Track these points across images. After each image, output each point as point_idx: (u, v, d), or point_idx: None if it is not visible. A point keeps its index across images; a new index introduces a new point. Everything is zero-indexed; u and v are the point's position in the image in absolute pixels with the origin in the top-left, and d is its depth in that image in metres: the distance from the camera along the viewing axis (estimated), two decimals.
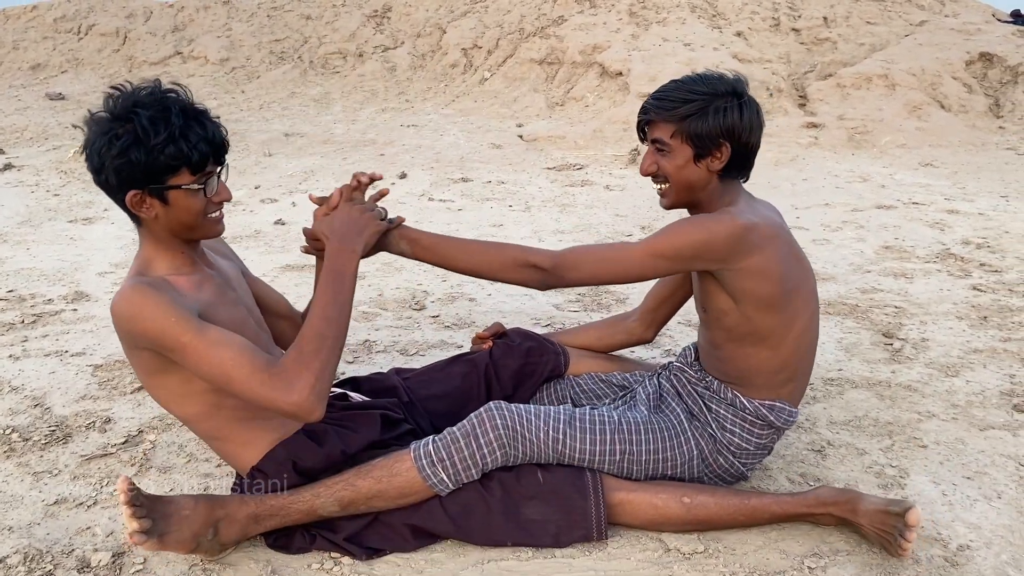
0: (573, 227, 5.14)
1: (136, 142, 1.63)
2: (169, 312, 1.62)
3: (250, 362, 1.61)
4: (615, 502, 1.87)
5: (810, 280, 1.94)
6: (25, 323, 3.37)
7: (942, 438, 2.39)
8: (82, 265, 4.30)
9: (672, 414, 2.04)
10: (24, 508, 2.02)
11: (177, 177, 1.69)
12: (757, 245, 1.80)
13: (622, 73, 9.34)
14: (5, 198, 6.04)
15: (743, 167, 1.93)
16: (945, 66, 8.96)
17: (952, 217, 5.26)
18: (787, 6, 10.96)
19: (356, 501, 1.82)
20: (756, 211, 1.89)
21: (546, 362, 2.30)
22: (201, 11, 14.05)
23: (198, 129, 1.69)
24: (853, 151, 7.67)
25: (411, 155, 7.64)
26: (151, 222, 1.75)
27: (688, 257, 1.82)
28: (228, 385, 1.62)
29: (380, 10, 13.20)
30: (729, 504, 1.89)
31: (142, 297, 1.64)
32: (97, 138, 1.66)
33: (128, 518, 1.60)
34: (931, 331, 3.25)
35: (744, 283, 1.83)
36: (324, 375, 1.64)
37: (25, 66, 12.90)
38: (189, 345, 1.61)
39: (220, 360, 1.61)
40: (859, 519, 1.85)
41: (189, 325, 1.62)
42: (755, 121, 1.88)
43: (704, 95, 1.85)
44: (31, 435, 2.39)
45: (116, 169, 1.65)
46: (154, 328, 1.62)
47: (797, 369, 1.97)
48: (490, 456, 1.83)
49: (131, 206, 1.70)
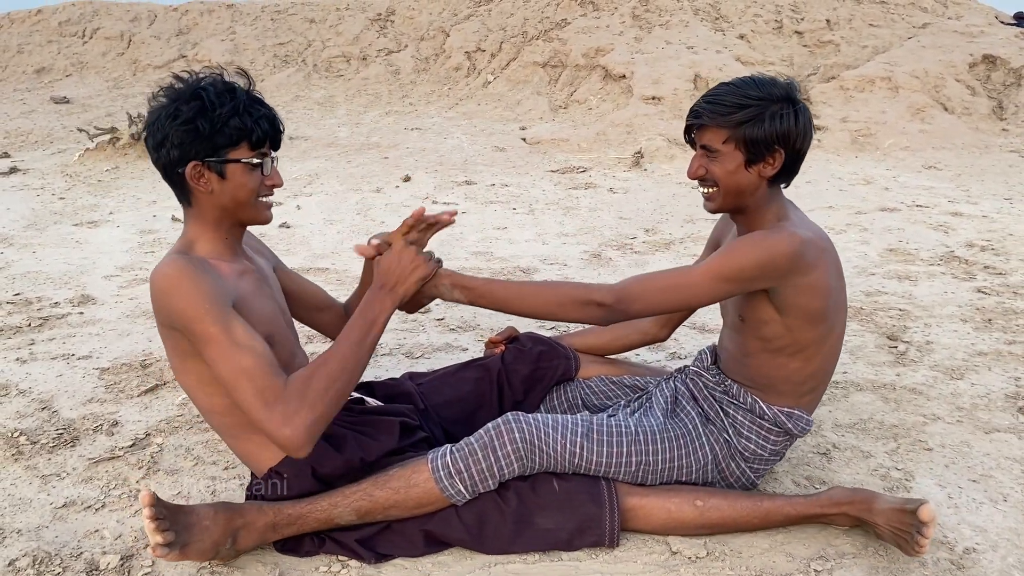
0: (577, 230, 5.15)
1: (202, 112, 1.69)
2: (205, 297, 1.63)
3: (262, 379, 1.61)
4: (628, 507, 1.88)
5: (846, 291, 1.95)
6: (32, 326, 3.39)
7: (947, 441, 2.39)
8: (88, 268, 4.31)
9: (687, 418, 2.04)
10: (32, 511, 2.03)
11: (237, 151, 1.74)
12: (813, 261, 1.79)
13: (625, 76, 9.35)
14: (11, 202, 6.06)
15: (791, 173, 1.89)
16: (948, 68, 8.96)
17: (956, 220, 5.26)
18: (790, 9, 10.98)
19: (374, 511, 1.82)
20: (805, 223, 1.87)
21: (556, 366, 2.30)
22: (205, 15, 14.09)
23: (261, 109, 1.77)
24: (856, 154, 7.68)
25: (415, 158, 7.66)
26: (204, 199, 1.77)
27: (751, 277, 1.79)
28: (234, 391, 1.62)
29: (383, 14, 13.23)
30: (742, 507, 1.89)
31: (180, 274, 1.65)
32: (161, 110, 1.71)
33: (152, 532, 1.60)
34: (936, 334, 3.26)
35: (798, 298, 1.81)
36: (324, 419, 1.65)
37: (30, 70, 12.94)
38: (215, 337, 1.62)
39: (237, 364, 1.61)
40: (875, 518, 1.84)
41: (220, 316, 1.63)
42: (808, 128, 1.85)
43: (759, 100, 1.80)
44: (39, 438, 2.40)
45: (179, 139, 1.69)
46: (187, 309, 1.63)
47: (822, 380, 1.98)
48: (507, 468, 1.83)
49: (190, 178, 1.72)
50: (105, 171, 7.15)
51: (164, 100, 1.74)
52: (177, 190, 1.79)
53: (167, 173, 1.76)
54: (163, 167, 1.75)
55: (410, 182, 6.69)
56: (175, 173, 1.74)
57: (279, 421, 1.59)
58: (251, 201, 1.79)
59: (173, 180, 1.77)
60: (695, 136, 1.90)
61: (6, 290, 3.91)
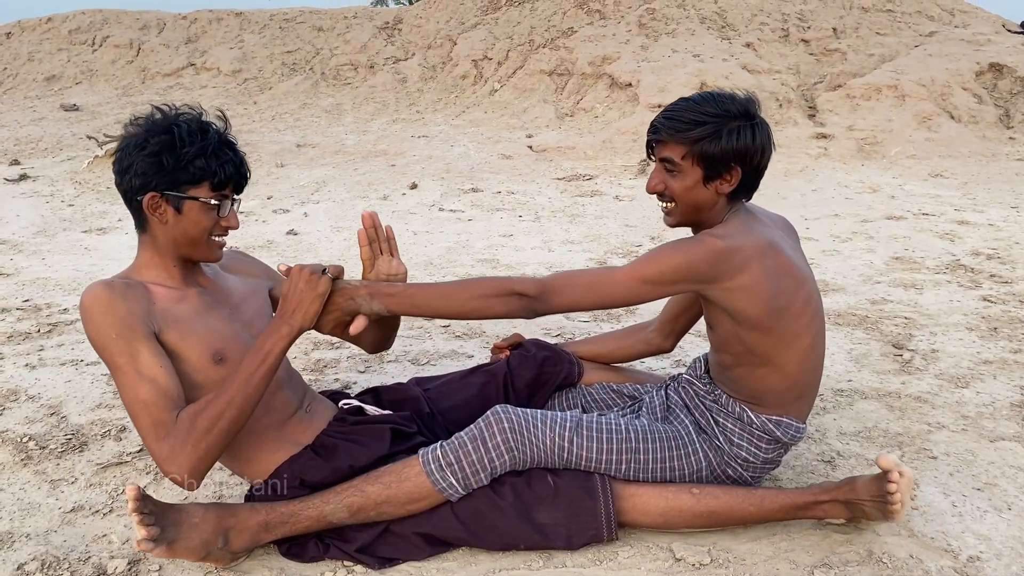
0: (583, 237, 5.16)
1: (170, 147, 1.75)
2: (113, 325, 1.69)
3: (157, 412, 1.67)
4: (624, 495, 1.91)
5: (810, 298, 1.92)
6: (41, 332, 3.41)
7: (952, 449, 2.39)
8: (96, 275, 4.34)
9: (680, 426, 2.05)
10: (41, 515, 2.05)
11: (198, 189, 1.79)
12: (739, 265, 1.80)
13: (631, 84, 9.37)
14: (20, 208, 6.11)
15: (750, 188, 1.92)
16: (955, 76, 8.96)
17: (962, 228, 5.26)
18: (796, 17, 10.99)
19: (366, 507, 1.83)
20: (749, 230, 1.87)
21: (560, 371, 2.33)
22: (214, 23, 14.17)
23: (229, 153, 1.83)
24: (863, 162, 7.68)
25: (421, 166, 7.69)
26: (158, 229, 1.82)
27: (672, 280, 1.83)
28: (133, 419, 1.70)
29: (391, 22, 13.29)
30: (738, 493, 1.92)
31: (94, 302, 1.72)
32: (132, 139, 1.78)
33: (136, 525, 1.64)
34: (941, 342, 3.26)
35: (734, 303, 1.83)
36: (208, 456, 1.69)
37: (40, 77, 13.02)
38: (120, 367, 1.69)
39: (136, 395, 1.68)
40: (859, 496, 1.86)
41: (126, 347, 1.69)
42: (766, 143, 1.87)
43: (716, 117, 1.82)
44: (47, 443, 2.42)
45: (143, 169, 1.76)
46: (97, 337, 1.71)
47: (805, 388, 1.98)
48: (498, 460, 1.84)
49: (146, 207, 1.79)
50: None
51: (136, 129, 1.80)
52: (134, 215, 1.85)
53: (127, 198, 1.83)
54: (123, 192, 1.82)
55: (417, 189, 6.71)
56: (134, 200, 1.80)
57: (166, 460, 1.66)
58: (203, 239, 1.84)
59: (131, 206, 1.83)
60: (655, 153, 1.93)
61: (16, 296, 3.94)
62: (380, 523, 1.87)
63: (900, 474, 1.78)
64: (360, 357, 3.11)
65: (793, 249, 1.99)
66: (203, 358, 1.81)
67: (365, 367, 3.02)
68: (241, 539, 1.80)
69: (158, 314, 1.78)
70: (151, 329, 1.75)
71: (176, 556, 1.73)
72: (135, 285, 1.80)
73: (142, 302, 1.77)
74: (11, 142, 9.30)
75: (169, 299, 1.83)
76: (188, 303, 1.86)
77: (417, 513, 1.86)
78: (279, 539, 1.86)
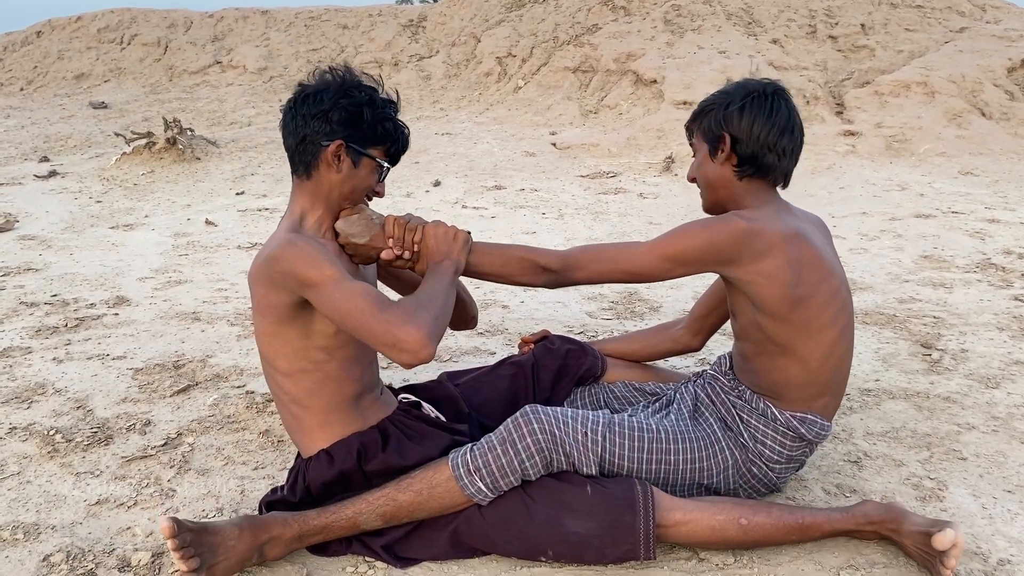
0: (606, 235, 5.13)
1: (371, 103, 1.85)
2: (322, 256, 1.72)
3: (377, 296, 1.69)
4: (671, 523, 1.80)
5: (837, 292, 1.90)
6: (68, 327, 3.45)
7: (982, 450, 2.35)
8: (123, 270, 4.39)
9: (706, 424, 2.02)
10: (67, 508, 2.07)
11: (375, 150, 1.88)
12: (762, 250, 1.80)
13: (656, 81, 9.32)
14: (50, 205, 6.18)
15: (757, 165, 1.92)
16: (986, 73, 8.82)
17: (993, 226, 5.17)
18: (824, 13, 10.87)
19: (399, 515, 1.82)
20: (777, 218, 1.88)
21: (583, 363, 2.33)
22: (240, 21, 14.27)
23: (406, 128, 1.95)
24: (891, 159, 7.58)
25: (445, 163, 7.69)
26: (327, 177, 1.86)
27: (693, 260, 1.84)
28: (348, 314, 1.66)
29: (416, 20, 13.32)
30: (784, 525, 1.85)
31: (304, 243, 1.74)
32: (333, 86, 1.85)
33: (178, 560, 1.64)
34: (971, 342, 3.20)
35: (753, 288, 1.83)
36: (438, 322, 1.69)
37: (70, 76, 13.19)
38: (333, 277, 1.69)
39: (352, 291, 1.67)
40: (903, 539, 1.82)
41: (337, 267, 1.71)
42: (761, 116, 1.90)
43: (723, 94, 1.96)
44: (74, 436, 2.44)
45: (341, 116, 1.81)
46: (307, 264, 1.70)
47: (829, 384, 1.95)
48: (528, 462, 1.80)
49: (330, 152, 1.82)
50: (141, 175, 7.27)
51: (331, 79, 1.87)
52: (303, 160, 1.86)
53: (306, 140, 1.84)
54: (304, 135, 1.84)
55: (440, 187, 6.72)
56: (316, 144, 1.83)
57: (399, 320, 1.63)
58: (362, 197, 1.92)
59: (308, 150, 1.85)
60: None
61: (44, 291, 3.98)
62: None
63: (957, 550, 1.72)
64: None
65: (823, 244, 1.96)
66: None
67: (387, 363, 3.03)
68: (275, 551, 1.80)
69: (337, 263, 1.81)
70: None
71: None
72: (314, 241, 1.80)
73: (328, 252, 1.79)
74: (41, 139, 9.43)
75: (337, 252, 1.88)
76: (343, 259, 1.89)
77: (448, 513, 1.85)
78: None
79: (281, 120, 1.92)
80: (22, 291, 3.98)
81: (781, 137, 1.91)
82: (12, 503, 2.08)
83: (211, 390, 2.79)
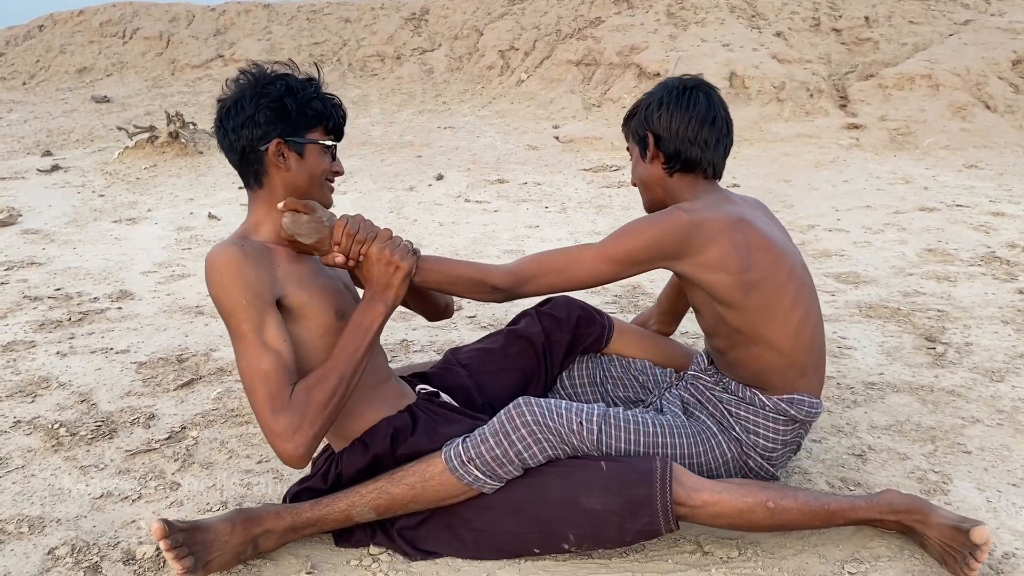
0: (609, 228, 5.13)
1: (289, 92, 1.79)
2: (243, 291, 1.68)
3: (275, 385, 1.66)
4: (699, 503, 1.76)
5: (792, 272, 1.90)
6: (72, 321, 3.45)
7: (987, 444, 2.35)
8: (126, 264, 4.39)
9: (701, 421, 2.02)
10: (71, 501, 2.07)
11: (314, 133, 1.84)
12: (707, 239, 1.82)
13: (660, 74, 9.30)
14: (52, 199, 6.18)
15: (682, 160, 1.95)
16: (991, 66, 8.79)
17: (997, 220, 5.16)
18: (828, 6, 10.84)
19: (392, 507, 1.82)
20: (716, 207, 1.89)
21: (591, 333, 2.30)
22: (242, 14, 14.25)
23: (334, 98, 1.90)
24: (895, 152, 7.56)
25: (448, 157, 7.68)
26: (277, 179, 1.83)
27: (640, 259, 1.85)
28: (248, 390, 1.68)
29: (418, 13, 13.30)
30: (810, 510, 1.82)
31: (227, 264, 1.70)
32: (245, 91, 1.80)
33: (171, 560, 1.64)
34: (975, 335, 3.20)
35: (705, 278, 1.84)
36: (322, 432, 1.70)
37: (72, 70, 13.19)
38: (244, 335, 1.67)
39: (258, 365, 1.66)
40: (928, 531, 1.80)
41: (255, 316, 1.68)
42: (678, 111, 1.93)
43: (646, 96, 2.02)
44: (78, 430, 2.44)
45: (266, 117, 1.77)
46: (225, 302, 1.69)
47: (807, 364, 1.94)
48: (527, 451, 1.78)
49: (272, 155, 1.79)
50: (144, 169, 7.27)
51: (244, 83, 1.82)
52: (250, 171, 1.84)
53: (246, 152, 1.81)
54: (242, 147, 1.80)
55: (443, 180, 6.71)
56: (255, 151, 1.80)
57: (283, 432, 1.65)
58: (320, 182, 1.88)
59: (250, 160, 1.82)
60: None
61: (47, 285, 3.99)
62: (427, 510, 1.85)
63: (987, 546, 1.71)
64: (385, 346, 3.12)
65: (768, 225, 1.97)
66: (328, 315, 1.82)
67: (391, 356, 3.02)
68: (269, 543, 1.80)
69: (281, 278, 1.77)
70: (276, 296, 1.75)
71: (211, 573, 1.73)
72: (260, 248, 1.78)
73: (268, 267, 1.76)
74: (43, 133, 9.43)
75: (289, 258, 1.83)
76: (306, 262, 1.87)
77: (459, 504, 1.83)
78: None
79: (216, 143, 1.88)
80: (25, 285, 3.98)
81: (701, 129, 1.94)
82: (17, 496, 2.09)
83: (215, 384, 2.79)
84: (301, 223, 1.80)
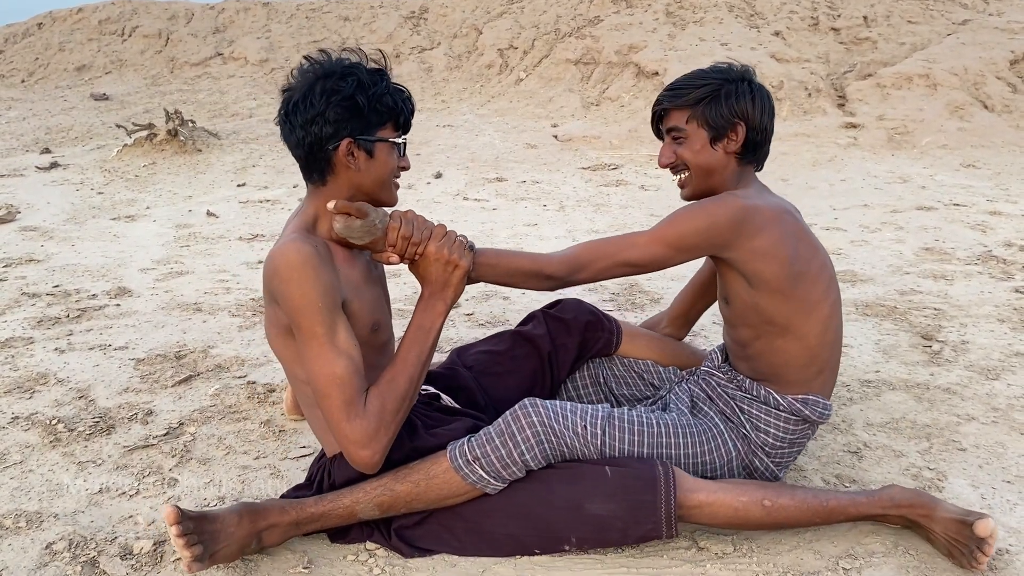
0: (607, 227, 5.13)
1: (361, 87, 1.70)
2: (320, 293, 1.63)
3: (350, 391, 1.64)
4: (694, 503, 1.78)
5: (825, 267, 1.92)
6: (70, 317, 3.46)
7: (982, 441, 2.36)
8: (125, 261, 4.39)
9: (707, 418, 2.02)
10: (69, 496, 2.08)
11: (384, 130, 1.76)
12: (760, 226, 1.82)
13: (658, 73, 9.31)
14: (51, 196, 6.18)
15: (756, 151, 1.96)
16: (989, 66, 8.80)
17: (994, 219, 5.17)
18: (826, 5, 10.85)
19: (396, 505, 1.82)
20: (764, 196, 1.91)
21: (599, 338, 2.28)
22: (241, 13, 14.25)
23: (404, 90, 1.82)
24: (893, 152, 7.57)
25: (446, 155, 7.69)
26: (344, 177, 1.76)
27: (694, 244, 1.84)
28: (321, 395, 1.65)
29: (417, 11, 13.30)
30: (808, 507, 1.83)
31: (304, 263, 1.63)
32: (315, 85, 1.70)
33: (181, 548, 1.63)
34: (971, 334, 3.21)
35: (752, 264, 1.84)
36: (395, 435, 1.71)
37: (71, 67, 13.18)
38: (318, 338, 1.64)
39: (332, 369, 1.63)
40: (933, 525, 1.81)
41: (329, 316, 1.64)
42: (766, 104, 1.96)
43: (715, 79, 1.96)
44: (76, 426, 2.45)
45: (336, 115, 1.69)
46: (300, 302, 1.63)
47: (827, 360, 1.96)
48: (529, 453, 1.78)
49: (341, 155, 1.73)
50: (142, 167, 7.27)
51: (312, 75, 1.72)
52: (315, 168, 1.76)
53: (314, 149, 1.73)
54: (310, 144, 1.72)
55: (441, 179, 6.72)
56: (324, 149, 1.72)
57: (360, 440, 1.64)
58: (388, 180, 1.81)
59: (317, 157, 1.74)
60: (662, 126, 2.02)
61: (46, 282, 3.99)
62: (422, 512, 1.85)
63: (994, 539, 1.72)
64: None
65: (803, 221, 1.99)
66: (365, 327, 1.79)
67: None
68: (273, 537, 1.80)
69: (342, 281, 1.73)
70: (343, 298, 1.71)
71: (216, 564, 1.73)
72: (323, 247, 1.71)
73: (334, 268, 1.71)
74: (42, 131, 9.43)
75: (345, 262, 1.78)
76: (357, 267, 1.82)
77: (462, 504, 1.83)
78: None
79: (280, 132, 1.80)
80: (24, 282, 3.98)
81: (771, 121, 1.98)
82: (15, 492, 2.09)
83: (212, 380, 2.80)
84: (354, 228, 1.74)
